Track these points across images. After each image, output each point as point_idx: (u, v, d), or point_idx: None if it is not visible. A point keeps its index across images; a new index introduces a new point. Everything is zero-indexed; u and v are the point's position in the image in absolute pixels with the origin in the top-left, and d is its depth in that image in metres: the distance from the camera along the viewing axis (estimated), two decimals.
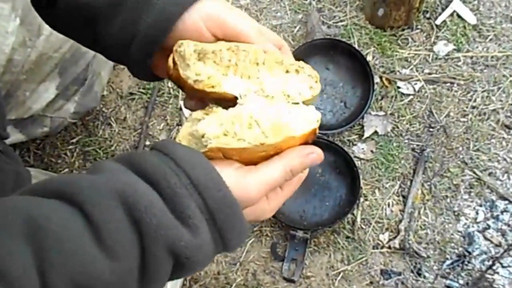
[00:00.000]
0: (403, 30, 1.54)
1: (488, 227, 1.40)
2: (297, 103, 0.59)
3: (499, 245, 1.39)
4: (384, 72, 1.52)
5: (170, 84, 1.51)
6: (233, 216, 0.52)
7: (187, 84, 0.58)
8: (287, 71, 0.60)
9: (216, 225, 0.51)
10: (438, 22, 1.55)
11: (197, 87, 0.58)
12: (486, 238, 1.40)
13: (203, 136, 0.55)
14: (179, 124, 1.49)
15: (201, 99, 0.62)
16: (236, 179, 0.54)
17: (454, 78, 1.51)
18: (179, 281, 1.29)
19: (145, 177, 0.50)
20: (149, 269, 0.49)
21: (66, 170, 1.47)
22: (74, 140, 1.49)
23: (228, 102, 0.59)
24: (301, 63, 0.60)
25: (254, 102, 0.57)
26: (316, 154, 0.59)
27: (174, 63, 0.58)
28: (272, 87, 0.59)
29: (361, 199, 1.44)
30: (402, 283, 1.39)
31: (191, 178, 0.50)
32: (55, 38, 1.18)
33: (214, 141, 0.54)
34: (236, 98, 0.58)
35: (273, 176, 0.56)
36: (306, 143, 0.59)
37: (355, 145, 1.48)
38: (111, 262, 0.46)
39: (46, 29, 1.14)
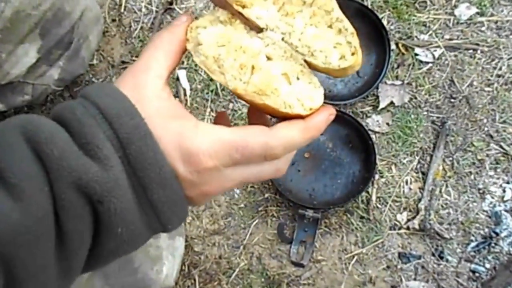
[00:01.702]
0: None
1: None
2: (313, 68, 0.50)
3: None
4: (400, 38, 1.35)
5: None
6: (146, 151, 0.42)
7: None
8: (330, 26, 0.49)
9: (130, 163, 0.42)
10: None
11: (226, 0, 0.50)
12: None
13: (199, 44, 0.49)
14: (176, 95, 1.33)
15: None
16: (179, 126, 0.45)
17: (477, 44, 1.34)
18: (176, 267, 1.15)
19: (54, 116, 0.44)
20: (62, 212, 0.41)
21: None
22: None
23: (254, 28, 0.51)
24: (347, 23, 0.49)
25: (271, 46, 0.50)
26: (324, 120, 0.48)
27: None
28: (301, 37, 0.49)
29: (376, 176, 1.28)
30: (423, 267, 1.23)
31: (101, 108, 0.43)
32: None
33: (201, 58, 0.49)
34: (261, 30, 0.50)
35: (250, 140, 0.45)
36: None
37: (369, 117, 1.32)
38: (21, 202, 0.39)
39: None
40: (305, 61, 0.50)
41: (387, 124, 1.31)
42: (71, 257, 0.43)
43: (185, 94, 1.33)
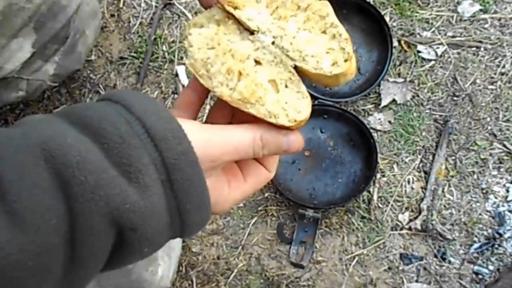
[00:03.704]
0: None
1: None
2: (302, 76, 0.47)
3: None
4: (403, 35, 1.29)
5: (164, 47, 1.28)
6: (193, 178, 0.39)
7: None
8: (324, 31, 0.46)
9: (173, 190, 0.38)
10: None
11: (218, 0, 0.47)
12: None
13: (190, 46, 0.46)
14: (175, 92, 1.27)
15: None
16: (199, 135, 0.41)
17: (480, 42, 1.28)
18: (172, 268, 1.08)
19: (85, 126, 0.37)
20: (81, 246, 0.35)
21: None
22: (58, 110, 1.27)
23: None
24: (342, 29, 0.46)
25: (261, 49, 0.46)
26: (296, 137, 0.45)
27: None
28: (293, 41, 0.46)
29: (378, 175, 1.21)
30: (425, 268, 1.17)
31: (146, 127, 0.37)
32: None
33: (190, 60, 0.46)
34: (252, 33, 0.46)
35: (240, 138, 0.43)
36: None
37: (371, 115, 1.25)
38: (20, 234, 0.33)
39: None
40: (296, 68, 0.46)
41: (389, 122, 1.25)
42: (78, 283, 0.38)
43: None
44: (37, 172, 0.34)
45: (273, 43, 0.46)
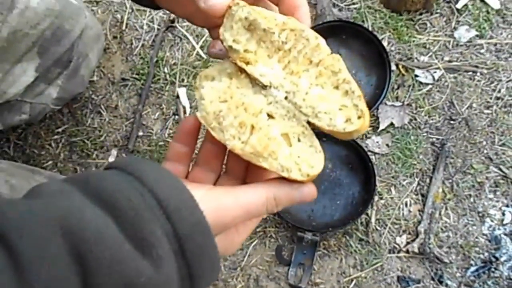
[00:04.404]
0: (421, 14, 1.32)
1: None
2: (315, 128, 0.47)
3: None
4: (400, 59, 1.30)
5: (166, 69, 1.29)
6: (206, 247, 0.40)
7: (223, 44, 0.48)
8: (336, 87, 0.46)
9: (186, 258, 0.39)
10: (459, 6, 1.32)
11: (230, 55, 0.47)
12: None
13: (201, 98, 0.46)
14: (176, 113, 1.27)
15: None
16: (210, 202, 0.42)
17: (476, 67, 1.29)
18: None
19: (100, 198, 0.38)
20: None
21: (50, 162, 1.24)
22: (59, 130, 1.27)
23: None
24: (355, 86, 0.45)
25: (273, 104, 0.46)
26: (309, 189, 0.46)
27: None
28: (306, 97, 0.46)
29: (376, 198, 1.22)
30: None
31: (159, 199, 0.39)
32: (31, 13, 0.96)
33: (202, 113, 0.45)
34: (264, 86, 0.47)
35: (252, 201, 0.44)
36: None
37: (369, 138, 1.26)
38: None
39: (21, 2, 0.93)
40: (308, 122, 0.46)
41: (387, 145, 1.25)
42: None
43: (184, 112, 1.27)
44: (55, 247, 0.35)
45: (286, 98, 0.46)
